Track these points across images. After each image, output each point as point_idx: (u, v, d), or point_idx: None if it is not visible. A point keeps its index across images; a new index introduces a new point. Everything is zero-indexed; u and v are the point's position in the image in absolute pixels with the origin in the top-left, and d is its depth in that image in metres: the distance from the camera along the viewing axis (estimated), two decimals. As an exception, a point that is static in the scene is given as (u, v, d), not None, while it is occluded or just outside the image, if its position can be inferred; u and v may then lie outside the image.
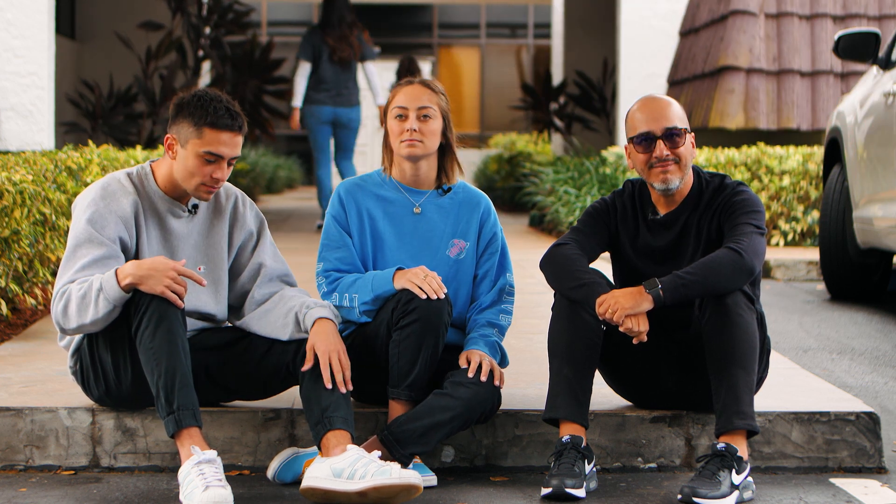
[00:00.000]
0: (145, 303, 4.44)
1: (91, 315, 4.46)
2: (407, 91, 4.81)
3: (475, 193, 4.97)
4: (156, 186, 4.69)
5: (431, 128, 4.80)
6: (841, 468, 4.89)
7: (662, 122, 4.71)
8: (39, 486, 4.61)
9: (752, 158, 12.31)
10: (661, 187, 4.73)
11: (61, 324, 4.55)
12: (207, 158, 4.56)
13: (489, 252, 4.93)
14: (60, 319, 4.54)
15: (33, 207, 6.91)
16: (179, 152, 4.60)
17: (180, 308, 4.45)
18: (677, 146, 4.71)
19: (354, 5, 30.19)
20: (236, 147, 4.57)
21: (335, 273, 4.80)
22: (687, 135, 4.74)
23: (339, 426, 4.41)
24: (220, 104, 4.55)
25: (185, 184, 4.62)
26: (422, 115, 4.79)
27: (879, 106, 8.62)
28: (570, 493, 4.43)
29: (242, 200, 4.83)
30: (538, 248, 11.08)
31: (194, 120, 4.55)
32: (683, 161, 4.72)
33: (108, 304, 4.44)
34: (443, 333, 4.65)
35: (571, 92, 19.16)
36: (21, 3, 12.22)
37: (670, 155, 4.70)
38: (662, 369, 4.84)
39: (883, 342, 7.70)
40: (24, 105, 12.24)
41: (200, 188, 4.61)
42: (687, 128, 4.75)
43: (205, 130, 4.54)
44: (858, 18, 13.73)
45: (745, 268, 4.54)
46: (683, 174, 4.74)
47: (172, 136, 4.61)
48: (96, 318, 4.47)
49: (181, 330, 4.46)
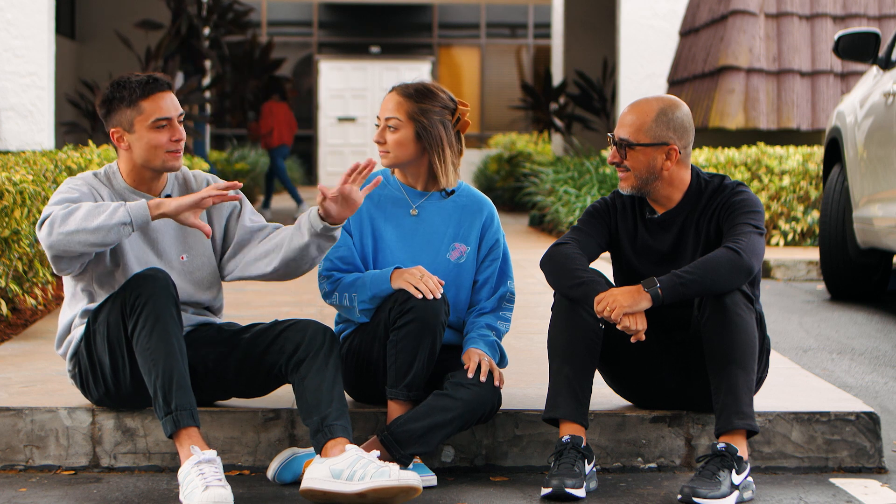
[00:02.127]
0: (140, 304, 4.44)
1: (100, 220, 4.38)
2: (384, 100, 4.84)
3: (478, 198, 4.95)
4: (124, 183, 4.71)
5: (396, 139, 4.79)
6: (841, 468, 4.89)
7: (621, 130, 4.72)
8: (39, 486, 4.61)
9: (752, 158, 12.31)
10: (619, 188, 4.78)
11: (53, 227, 4.38)
12: (159, 125, 4.62)
13: (490, 259, 4.92)
14: (55, 224, 4.38)
15: (33, 207, 6.91)
16: (130, 138, 4.65)
17: (208, 235, 4.46)
18: (623, 157, 4.71)
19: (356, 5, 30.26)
20: (175, 103, 4.65)
21: (336, 273, 4.80)
22: (642, 149, 4.67)
23: (339, 434, 4.41)
24: (136, 78, 4.63)
25: (152, 162, 4.65)
26: (388, 125, 4.80)
27: (879, 106, 8.62)
28: (570, 493, 4.43)
29: (214, 182, 4.85)
30: (538, 248, 11.08)
31: (126, 103, 4.61)
32: (634, 172, 4.70)
33: (126, 216, 4.39)
34: (440, 333, 4.65)
35: (571, 92, 19.17)
36: (21, 3, 12.23)
37: (618, 163, 4.72)
38: (662, 369, 4.84)
39: (883, 342, 7.70)
40: (24, 105, 12.25)
41: (167, 156, 4.65)
42: (647, 142, 4.66)
43: (141, 104, 4.61)
44: (858, 18, 13.73)
45: (743, 267, 4.54)
46: (637, 184, 4.72)
47: (116, 129, 4.65)
48: (105, 224, 4.37)
49: (177, 330, 4.46)
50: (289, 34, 30.36)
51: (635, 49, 14.50)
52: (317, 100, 30.38)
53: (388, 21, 30.56)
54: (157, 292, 4.46)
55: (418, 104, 4.78)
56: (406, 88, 4.81)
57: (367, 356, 4.76)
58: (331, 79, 30.42)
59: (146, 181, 4.71)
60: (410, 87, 4.82)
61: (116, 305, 4.52)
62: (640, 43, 14.50)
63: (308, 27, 30.69)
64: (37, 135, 12.22)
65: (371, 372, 4.77)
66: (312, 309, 7.47)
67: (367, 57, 30.49)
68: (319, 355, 4.54)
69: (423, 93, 4.80)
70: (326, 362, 4.53)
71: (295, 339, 4.60)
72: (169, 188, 4.76)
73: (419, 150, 4.80)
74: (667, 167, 4.70)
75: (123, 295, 4.50)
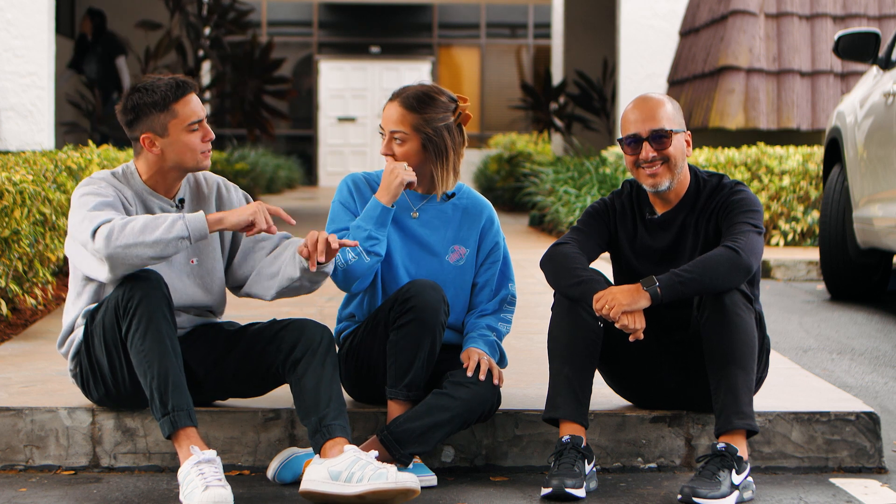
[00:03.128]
0: (133, 306, 4.44)
1: (158, 234, 4.39)
2: (386, 109, 4.84)
3: (478, 202, 4.96)
4: (142, 183, 4.71)
5: (404, 151, 4.80)
6: (841, 468, 4.89)
7: (649, 124, 4.70)
8: (39, 486, 4.61)
9: (752, 158, 12.31)
10: (649, 188, 4.74)
11: (111, 240, 4.39)
12: (193, 128, 4.64)
13: (490, 262, 4.93)
14: (112, 237, 4.39)
15: (33, 207, 6.91)
16: (163, 143, 4.64)
17: (272, 233, 4.49)
18: (664, 147, 4.70)
19: (356, 5, 30.27)
20: (200, 104, 4.69)
21: None
22: (675, 136, 4.71)
23: (337, 434, 4.41)
24: (163, 82, 4.63)
25: (186, 163, 4.66)
26: (394, 137, 4.81)
27: (879, 106, 8.62)
28: (570, 493, 4.44)
29: (225, 186, 4.86)
30: (538, 248, 11.08)
31: (158, 107, 4.61)
32: (672, 161, 4.71)
33: (184, 230, 4.40)
34: (440, 333, 4.65)
35: (571, 92, 19.17)
36: (21, 3, 12.23)
37: (657, 156, 4.70)
38: (662, 369, 4.84)
39: (883, 342, 7.70)
40: (24, 105, 12.25)
41: (201, 157, 4.68)
42: (676, 129, 4.71)
43: (174, 108, 4.61)
44: (858, 18, 13.73)
45: (742, 266, 4.54)
46: (674, 175, 4.73)
47: (147, 134, 4.63)
48: (163, 238, 4.39)
49: (171, 330, 4.46)
50: (289, 34, 30.36)
51: (635, 49, 14.49)
52: (317, 100, 30.38)
53: (388, 21, 30.56)
54: (149, 293, 4.46)
55: (422, 115, 4.79)
56: (407, 100, 4.80)
57: (368, 356, 4.76)
58: (331, 79, 30.42)
59: (166, 183, 4.72)
60: (411, 96, 4.81)
61: (111, 307, 4.52)
62: (640, 43, 14.50)
63: (308, 27, 30.69)
64: (37, 135, 12.23)
65: (371, 372, 4.77)
66: (312, 309, 7.47)
67: (367, 57, 30.49)
68: (316, 355, 4.53)
69: (424, 101, 4.80)
70: (323, 361, 4.53)
71: (291, 339, 4.59)
72: (182, 191, 4.77)
73: (426, 158, 4.82)
74: (688, 153, 4.74)
75: (117, 297, 4.50)
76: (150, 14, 17.32)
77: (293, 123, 29.47)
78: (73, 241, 4.59)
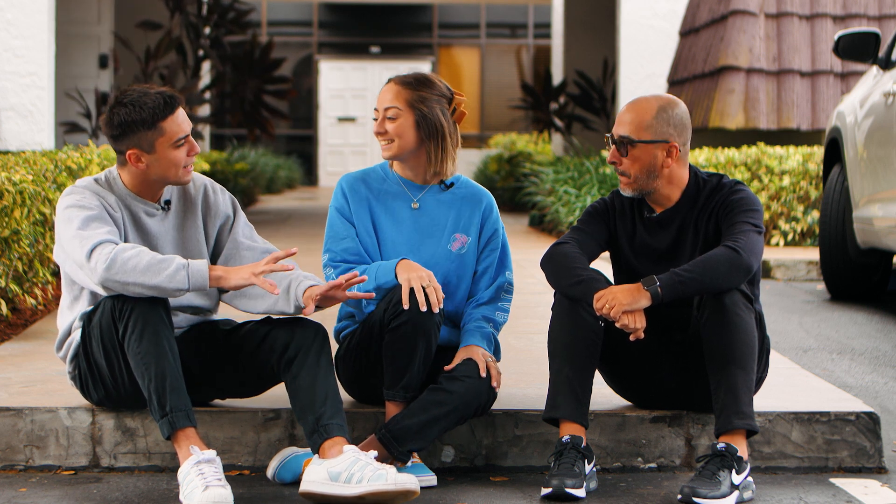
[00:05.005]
0: (129, 307, 4.44)
1: (160, 280, 4.39)
2: (381, 91, 4.85)
3: (477, 189, 4.97)
4: (125, 188, 4.71)
5: (396, 127, 4.80)
6: (841, 468, 4.89)
7: (620, 128, 4.71)
8: (39, 486, 4.61)
9: (752, 158, 12.31)
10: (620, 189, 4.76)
11: (111, 270, 4.40)
12: (179, 143, 4.64)
13: (489, 248, 4.93)
14: (112, 267, 4.40)
15: (33, 207, 6.91)
16: (150, 159, 4.63)
17: (275, 294, 4.45)
18: (623, 154, 4.70)
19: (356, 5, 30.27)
20: (187, 118, 4.69)
21: (343, 264, 4.80)
22: (644, 146, 4.67)
23: (335, 434, 4.41)
24: (152, 98, 4.60)
25: (170, 178, 4.66)
26: (388, 115, 4.80)
27: (879, 106, 8.62)
28: (570, 493, 4.44)
29: (212, 188, 4.86)
30: (538, 248, 11.08)
31: (146, 124, 4.59)
32: (633, 171, 4.69)
33: (185, 282, 4.40)
34: (434, 335, 4.64)
35: (571, 92, 19.16)
36: (21, 3, 12.23)
37: (615, 162, 4.71)
38: (662, 369, 4.84)
39: (883, 342, 7.70)
40: (24, 105, 12.25)
41: (184, 171, 4.67)
42: (650, 139, 4.66)
43: (161, 126, 4.60)
44: (858, 18, 13.73)
45: (742, 266, 4.54)
46: (636, 185, 4.72)
47: (133, 150, 4.62)
48: (163, 285, 4.39)
49: (167, 331, 4.46)
50: (289, 34, 30.35)
51: (635, 49, 14.49)
52: (317, 100, 30.38)
53: (388, 21, 30.56)
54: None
55: (417, 92, 4.80)
56: (404, 78, 4.85)
57: (366, 356, 4.76)
58: (331, 79, 30.43)
59: (151, 191, 4.72)
60: (408, 76, 4.85)
61: (107, 309, 4.51)
62: (640, 43, 14.50)
63: (308, 27, 30.69)
64: (37, 135, 12.23)
65: (370, 372, 4.77)
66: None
67: (367, 57, 30.49)
68: (310, 353, 4.52)
69: (421, 81, 4.83)
70: (318, 360, 4.52)
71: (285, 337, 4.59)
72: (168, 193, 4.77)
73: (419, 138, 4.81)
74: (667, 164, 4.70)
75: (113, 298, 4.50)
76: (150, 14, 17.32)
77: (293, 123, 29.48)
78: (63, 253, 4.59)
